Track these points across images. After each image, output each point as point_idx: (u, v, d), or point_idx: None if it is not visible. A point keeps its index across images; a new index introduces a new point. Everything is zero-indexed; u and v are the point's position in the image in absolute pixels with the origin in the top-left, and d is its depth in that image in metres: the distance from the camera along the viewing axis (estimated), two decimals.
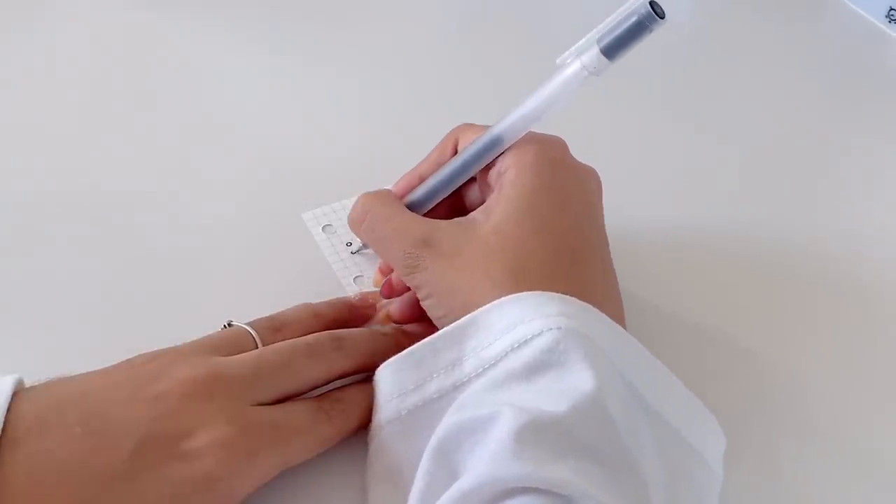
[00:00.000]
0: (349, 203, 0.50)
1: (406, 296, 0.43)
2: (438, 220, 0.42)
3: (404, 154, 0.46)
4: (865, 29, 0.72)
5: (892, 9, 0.71)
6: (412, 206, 0.44)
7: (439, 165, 0.44)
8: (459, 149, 0.44)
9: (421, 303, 0.41)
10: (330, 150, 0.54)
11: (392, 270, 0.44)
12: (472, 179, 0.44)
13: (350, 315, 0.43)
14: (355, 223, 0.44)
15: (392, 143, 0.55)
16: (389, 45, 0.64)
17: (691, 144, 0.60)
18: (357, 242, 0.48)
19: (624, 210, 0.45)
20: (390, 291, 0.44)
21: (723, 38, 0.68)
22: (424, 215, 0.43)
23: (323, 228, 0.49)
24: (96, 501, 0.32)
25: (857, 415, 0.45)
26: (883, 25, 0.71)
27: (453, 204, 0.45)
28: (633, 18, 0.36)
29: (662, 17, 0.36)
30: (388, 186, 0.46)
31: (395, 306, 0.43)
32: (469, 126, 0.44)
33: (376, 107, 0.58)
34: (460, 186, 0.44)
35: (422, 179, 0.44)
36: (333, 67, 0.61)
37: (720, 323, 0.48)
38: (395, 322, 0.43)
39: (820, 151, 0.61)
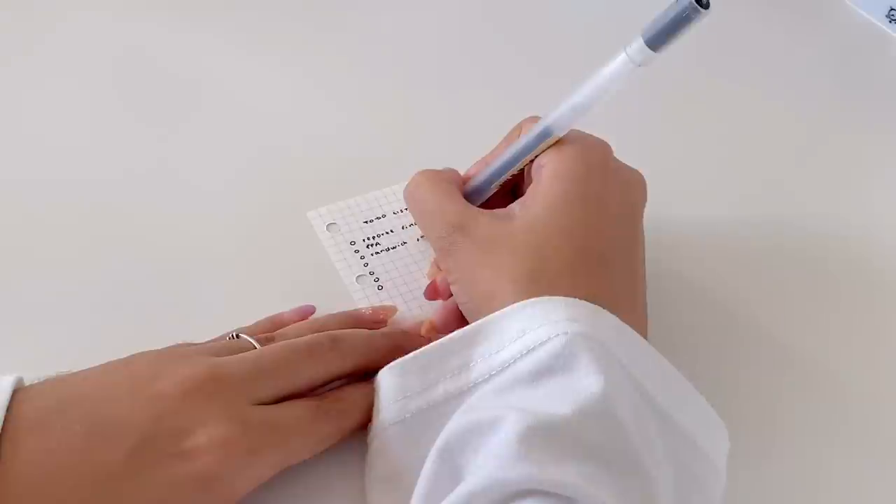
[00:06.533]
0: (354, 202, 0.50)
1: (447, 305, 0.43)
2: (480, 209, 0.42)
3: (410, 152, 0.47)
4: (866, 29, 0.72)
5: (892, 9, 0.70)
6: (471, 193, 0.45)
7: None
8: None
9: (451, 286, 0.42)
10: (335, 148, 0.54)
11: None
12: None
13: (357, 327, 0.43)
14: (406, 194, 0.45)
15: (398, 141, 0.55)
16: (395, 43, 0.63)
17: (689, 144, 0.60)
18: (363, 238, 0.48)
19: None
20: (434, 294, 0.45)
21: (722, 38, 0.68)
22: (485, 203, 0.44)
23: (328, 227, 0.49)
24: (96, 500, 0.32)
25: (887, 410, 0.46)
26: (883, 25, 0.71)
27: (518, 193, 0.45)
28: (677, 9, 0.36)
29: (707, 8, 0.36)
30: (390, 186, 0.46)
31: (438, 315, 0.44)
32: (534, 118, 0.44)
33: (382, 105, 0.58)
34: (520, 176, 0.44)
35: (486, 167, 0.45)
36: (339, 65, 0.60)
37: (745, 323, 0.48)
38: (438, 332, 0.43)
39: (820, 151, 0.61)
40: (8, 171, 0.50)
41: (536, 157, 0.42)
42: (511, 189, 0.45)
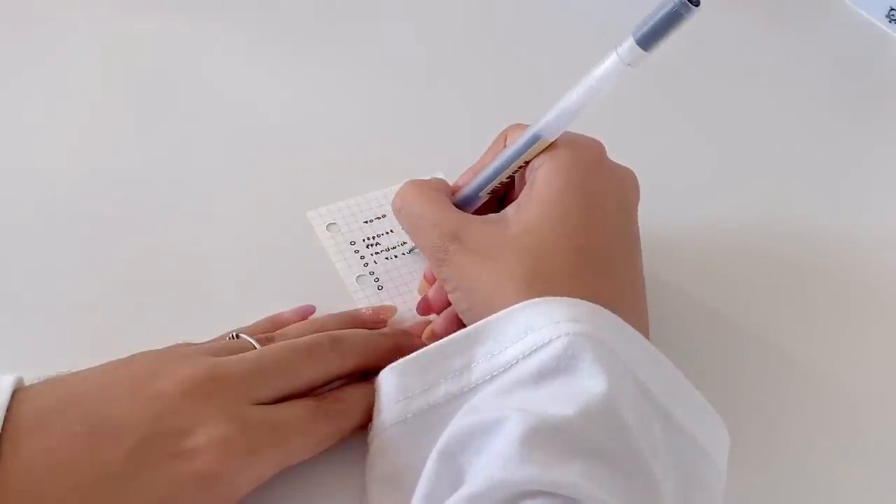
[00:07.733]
0: (354, 202, 0.50)
1: (448, 312, 0.43)
2: (472, 216, 0.42)
3: (410, 153, 0.46)
4: (866, 29, 0.72)
5: (892, 9, 0.71)
6: (462, 202, 0.44)
7: None
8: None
9: (448, 295, 0.41)
10: (336, 148, 0.54)
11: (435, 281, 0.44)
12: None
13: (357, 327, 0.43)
14: (395, 209, 0.44)
15: (398, 142, 0.55)
16: (395, 43, 0.63)
17: (690, 145, 0.60)
18: (363, 238, 0.48)
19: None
20: (427, 309, 0.44)
21: (723, 38, 0.68)
22: (476, 211, 0.44)
23: (327, 227, 0.49)
24: (96, 499, 0.32)
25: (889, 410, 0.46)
26: (883, 25, 0.71)
27: (506, 201, 0.45)
28: (668, 7, 0.36)
29: (697, 5, 0.35)
30: (390, 186, 0.46)
31: (438, 323, 0.43)
32: (518, 126, 0.44)
33: (382, 105, 0.58)
34: (510, 183, 0.44)
35: (475, 176, 0.44)
36: (339, 66, 0.61)
37: (742, 322, 0.48)
38: (439, 339, 0.42)
39: (820, 151, 0.61)
40: (7, 172, 0.50)
41: (528, 162, 0.42)
42: (500, 197, 0.45)
